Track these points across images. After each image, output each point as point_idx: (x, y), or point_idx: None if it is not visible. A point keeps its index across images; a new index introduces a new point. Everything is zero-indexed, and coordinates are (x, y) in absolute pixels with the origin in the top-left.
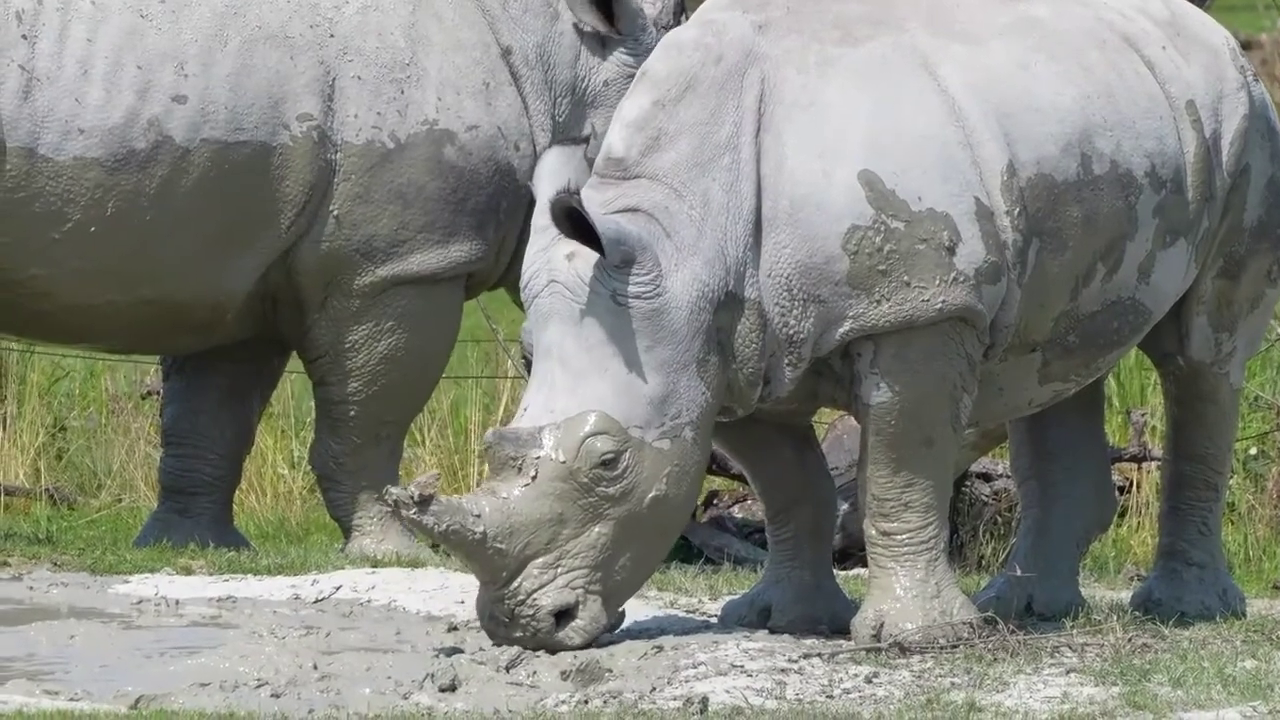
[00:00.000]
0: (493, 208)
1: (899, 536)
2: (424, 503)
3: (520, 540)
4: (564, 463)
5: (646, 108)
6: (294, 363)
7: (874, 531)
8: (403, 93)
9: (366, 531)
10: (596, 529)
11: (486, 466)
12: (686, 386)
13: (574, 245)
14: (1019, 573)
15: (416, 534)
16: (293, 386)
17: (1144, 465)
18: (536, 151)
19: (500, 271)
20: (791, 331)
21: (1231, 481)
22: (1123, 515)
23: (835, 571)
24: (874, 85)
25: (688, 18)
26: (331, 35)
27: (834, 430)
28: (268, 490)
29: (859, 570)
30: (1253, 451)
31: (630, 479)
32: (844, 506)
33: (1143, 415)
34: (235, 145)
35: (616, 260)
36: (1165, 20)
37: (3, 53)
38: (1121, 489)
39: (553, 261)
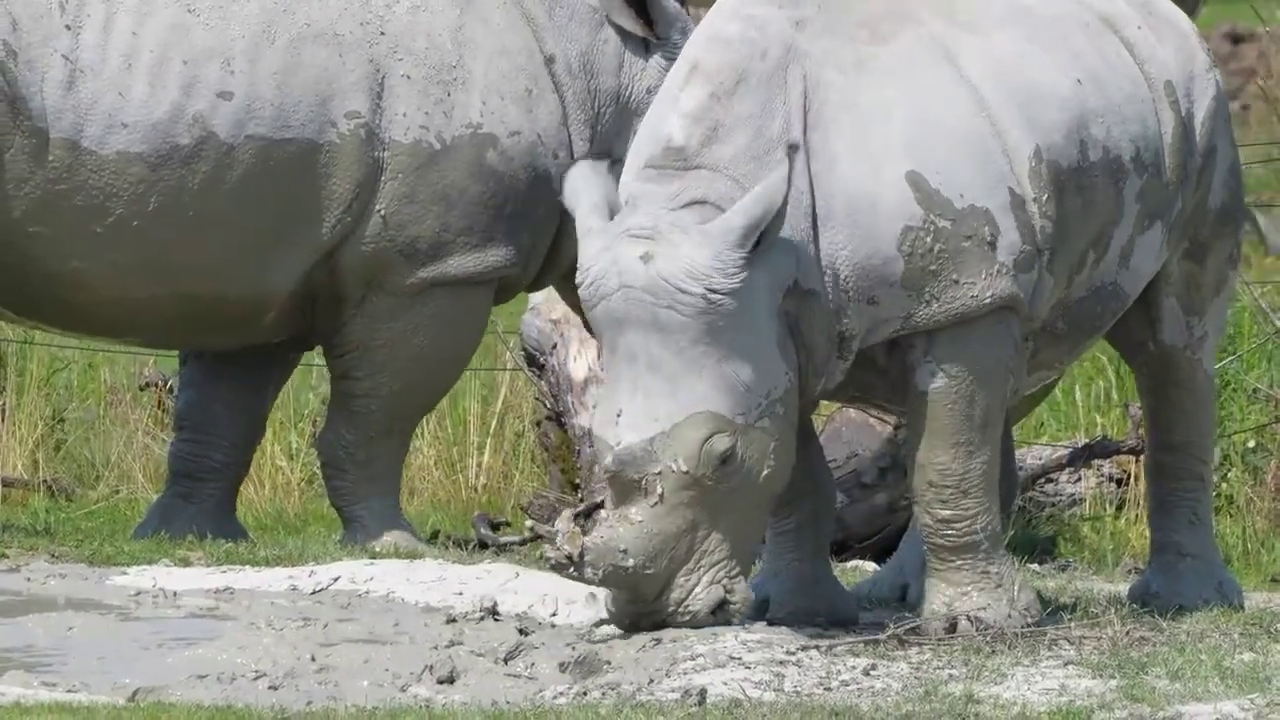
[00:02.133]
0: (528, 213)
1: (958, 525)
2: (582, 557)
3: (664, 559)
4: (687, 472)
5: (703, 99)
6: None
7: (930, 520)
8: (449, 95)
9: (365, 523)
10: (725, 521)
11: (609, 489)
12: (772, 366)
13: (647, 246)
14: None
15: (575, 580)
16: (292, 379)
17: (1141, 458)
18: (574, 160)
19: (531, 277)
20: (844, 328)
21: (1230, 474)
22: (1120, 508)
23: (832, 564)
24: (906, 83)
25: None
26: (382, 33)
27: (832, 423)
28: (266, 482)
29: (856, 562)
30: (1251, 444)
31: (746, 466)
32: (842, 499)
33: (1141, 408)
34: (281, 142)
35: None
36: (1138, 1)
37: (46, 42)
38: (1119, 481)
39: (622, 263)
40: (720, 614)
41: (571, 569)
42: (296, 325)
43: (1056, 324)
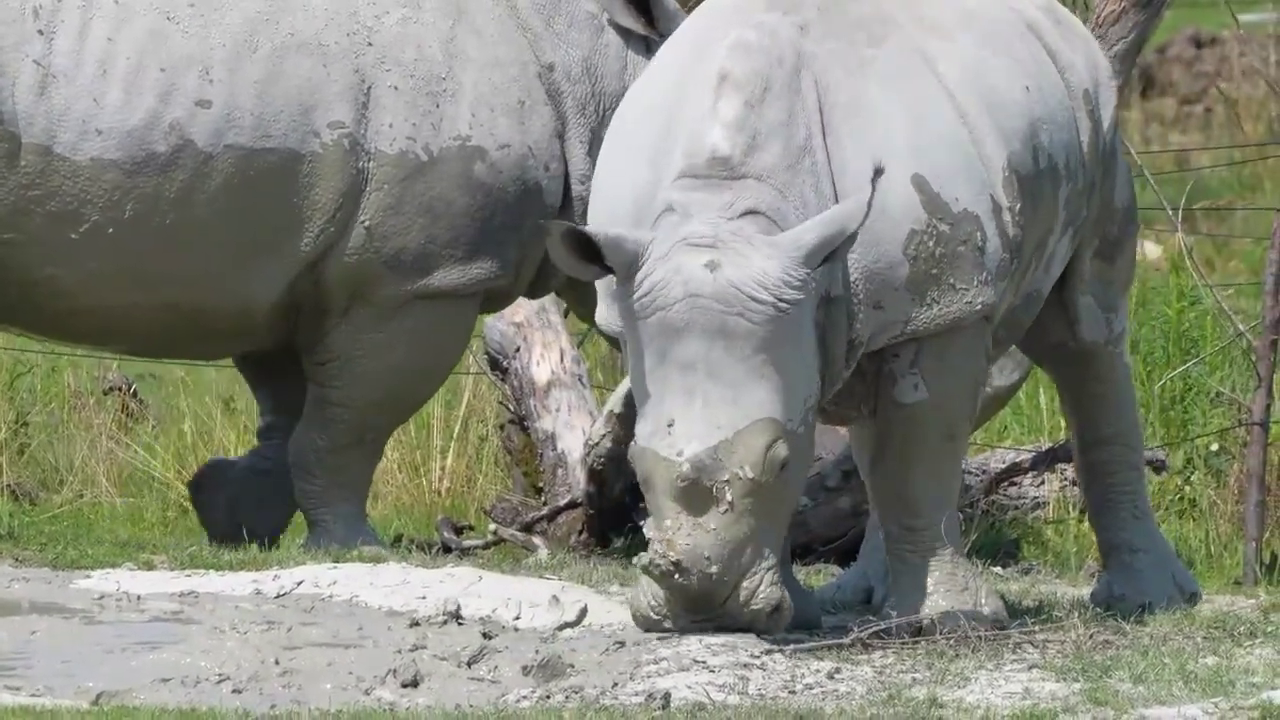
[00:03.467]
0: (516, 226)
1: (925, 532)
2: (679, 566)
3: (734, 566)
4: (753, 479)
5: (740, 108)
6: None
7: (896, 528)
8: (438, 106)
9: (330, 529)
10: (775, 525)
11: (672, 494)
12: (811, 373)
13: (711, 254)
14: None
15: (676, 588)
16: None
17: None
18: (569, 170)
19: (522, 288)
20: (854, 334)
21: (1193, 478)
22: (1084, 511)
23: (795, 567)
24: (900, 86)
25: None
26: (369, 44)
27: None
28: None
29: (820, 565)
30: (1214, 448)
31: (794, 471)
32: (806, 502)
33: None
34: (261, 152)
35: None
36: (1045, 7)
37: (17, 47)
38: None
39: (685, 272)
40: (775, 617)
41: (677, 575)
42: (282, 335)
43: (997, 331)
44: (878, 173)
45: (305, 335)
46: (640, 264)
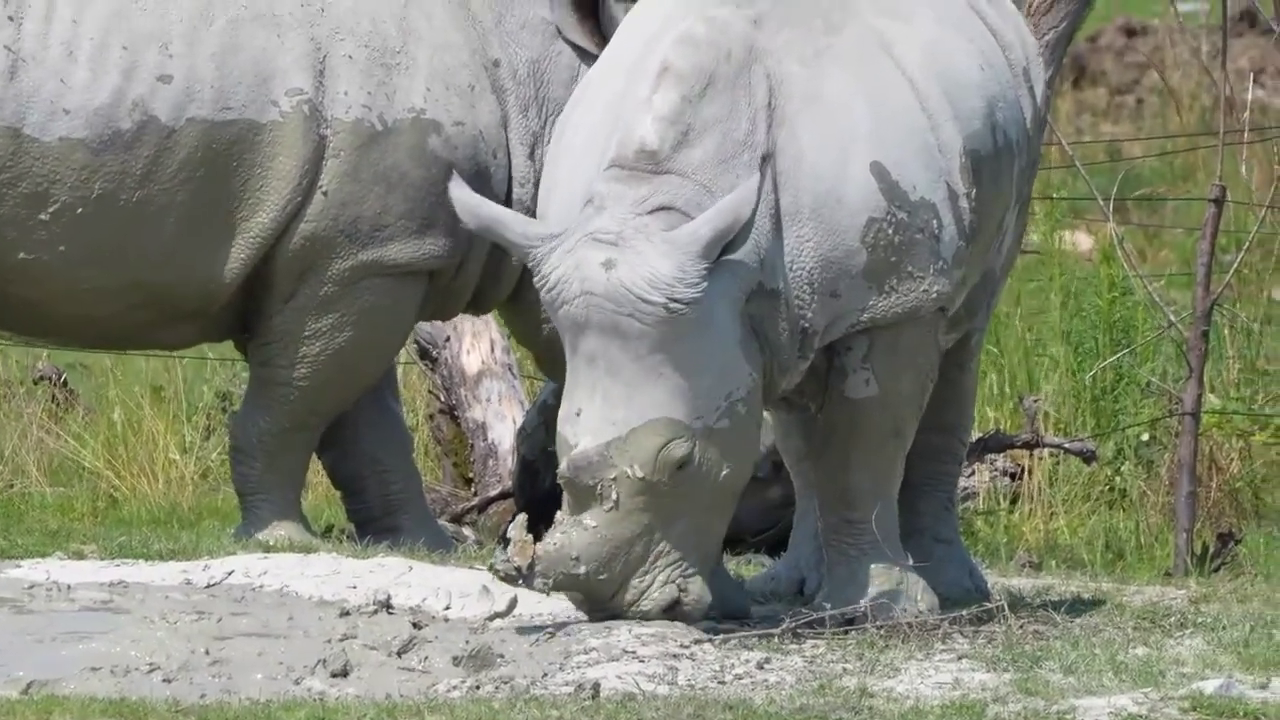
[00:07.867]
0: None
1: (863, 525)
2: (532, 568)
3: (618, 564)
4: (642, 478)
5: (676, 102)
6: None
7: (836, 520)
8: (392, 78)
9: (263, 515)
10: (682, 523)
11: (564, 495)
12: (734, 369)
13: (610, 252)
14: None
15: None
16: (184, 370)
17: (1035, 452)
18: (510, 165)
19: (466, 288)
20: (807, 324)
21: (1123, 468)
22: (1014, 502)
23: (724, 557)
24: (858, 74)
25: None
26: (323, 13)
27: None
28: (159, 475)
29: (750, 556)
30: (1145, 438)
31: (703, 470)
32: None
33: (1035, 401)
34: (223, 124)
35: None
36: None
37: None
38: (1013, 475)
39: (583, 269)
40: (674, 613)
41: (520, 580)
42: (238, 320)
43: (959, 310)
44: (765, 160)
45: (251, 317)
46: (546, 255)
